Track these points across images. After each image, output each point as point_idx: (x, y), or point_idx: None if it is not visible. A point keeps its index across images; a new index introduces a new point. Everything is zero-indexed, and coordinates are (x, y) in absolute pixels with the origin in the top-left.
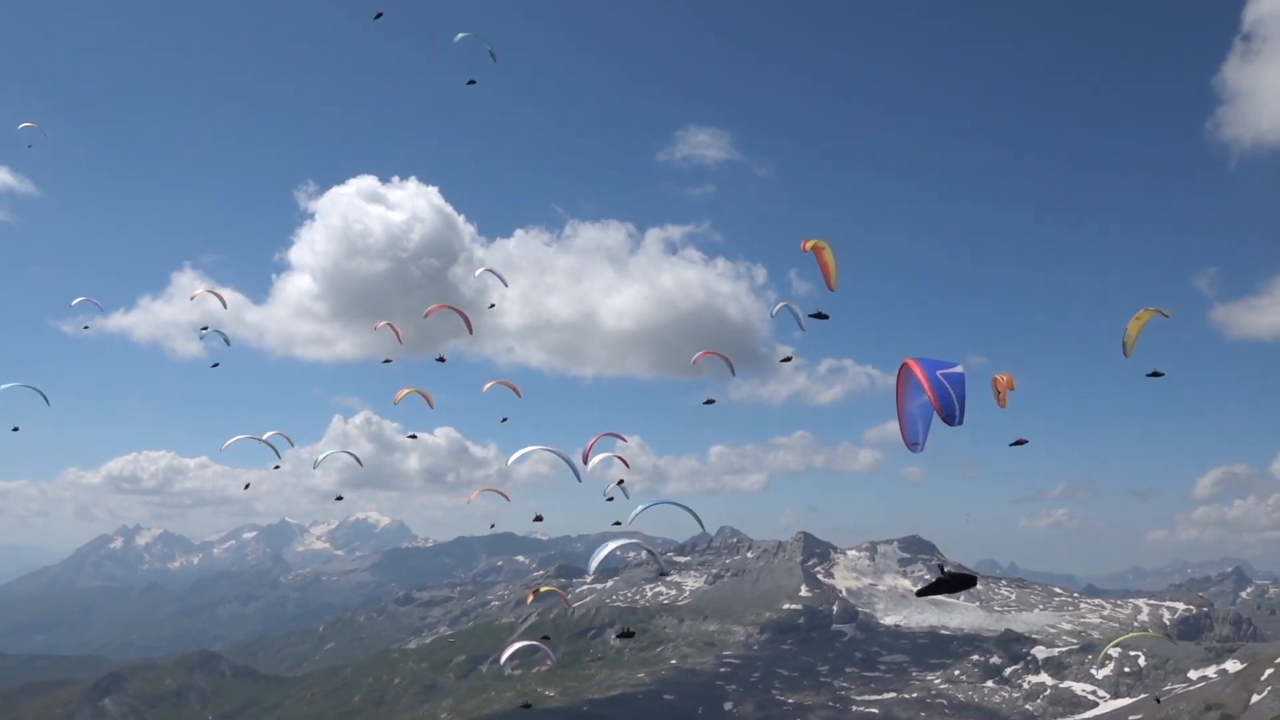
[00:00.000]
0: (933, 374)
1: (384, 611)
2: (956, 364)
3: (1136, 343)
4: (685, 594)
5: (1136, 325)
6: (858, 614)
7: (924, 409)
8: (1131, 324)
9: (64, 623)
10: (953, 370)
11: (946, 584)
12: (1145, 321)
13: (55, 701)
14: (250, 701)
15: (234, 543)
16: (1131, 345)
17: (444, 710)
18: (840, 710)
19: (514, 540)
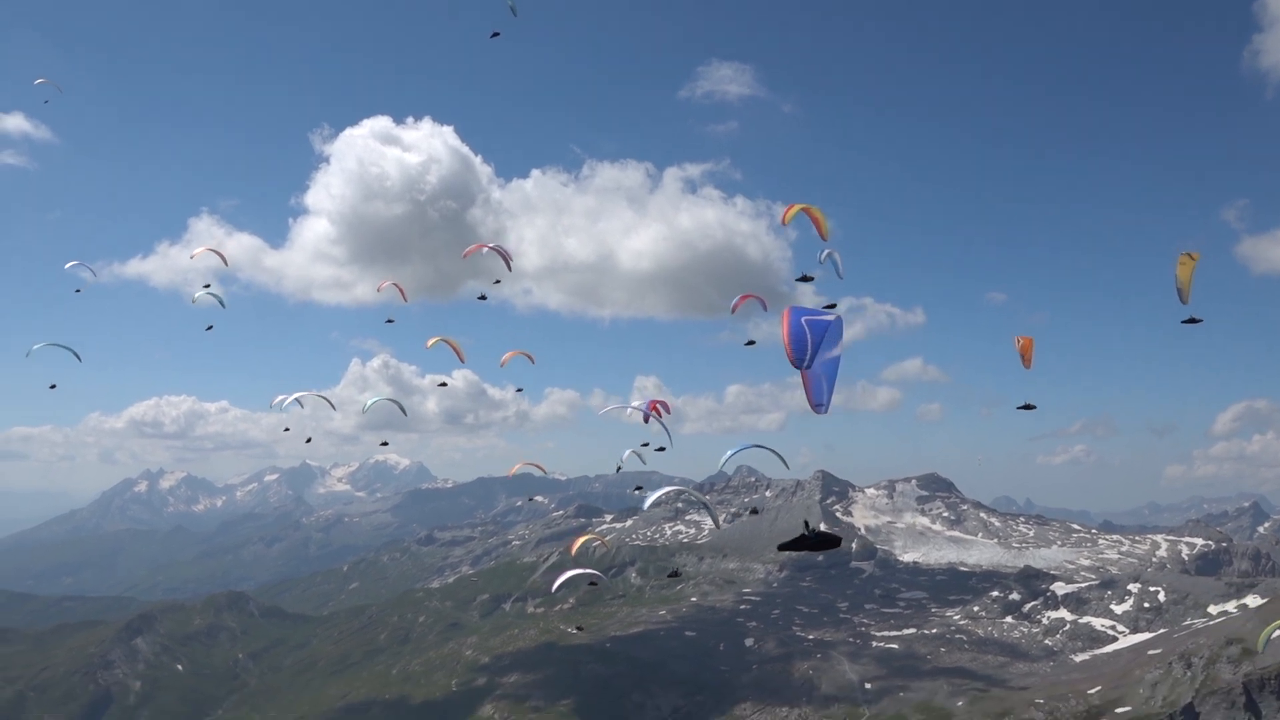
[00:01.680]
0: (796, 320)
1: (406, 552)
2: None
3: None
4: (704, 532)
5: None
6: (876, 551)
7: (827, 366)
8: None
9: (92, 565)
10: (820, 317)
11: (809, 542)
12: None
13: (89, 641)
14: (278, 640)
15: (256, 485)
16: (1188, 291)
17: (469, 648)
18: (860, 646)
19: (533, 480)
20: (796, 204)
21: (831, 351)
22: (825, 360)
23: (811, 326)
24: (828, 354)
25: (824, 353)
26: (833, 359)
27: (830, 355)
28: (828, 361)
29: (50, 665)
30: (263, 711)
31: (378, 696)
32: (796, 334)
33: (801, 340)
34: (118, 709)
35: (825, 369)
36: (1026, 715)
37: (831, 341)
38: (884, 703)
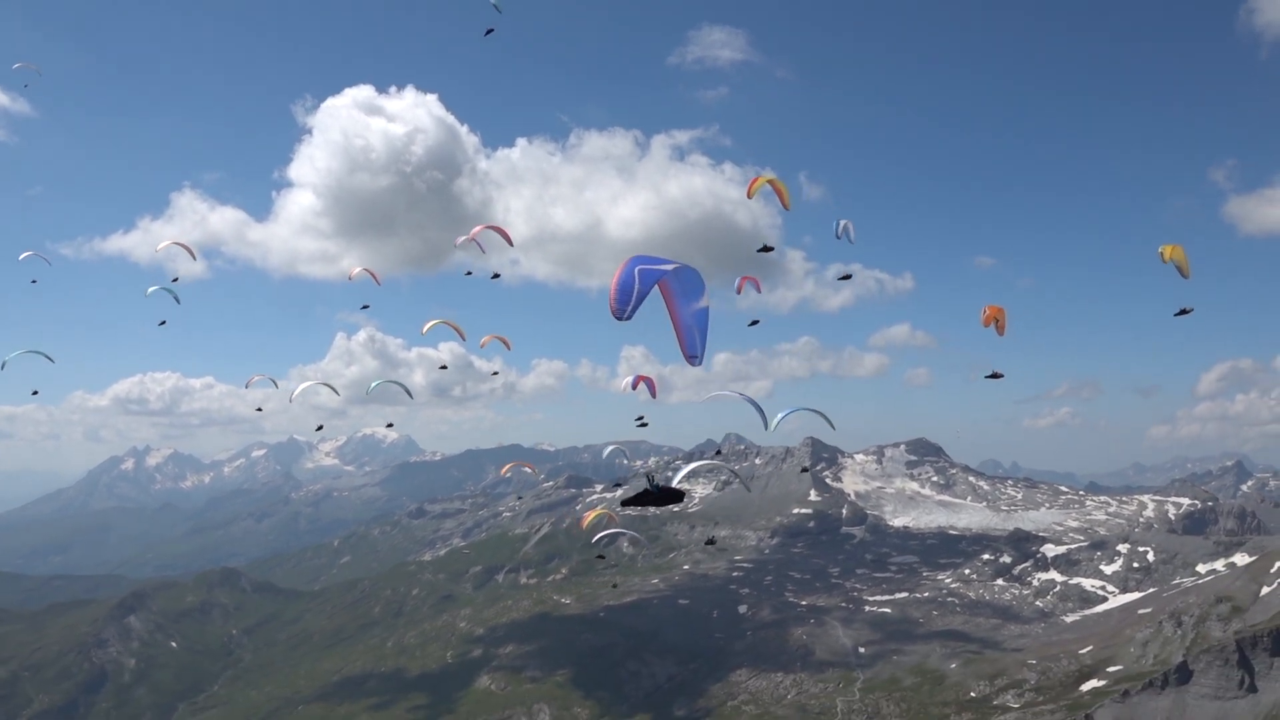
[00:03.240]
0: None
1: (397, 525)
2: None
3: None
4: (695, 501)
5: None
6: (867, 516)
7: (697, 316)
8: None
9: (80, 544)
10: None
11: (652, 497)
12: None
13: (81, 620)
14: (271, 616)
15: (244, 461)
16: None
17: (463, 619)
18: (854, 610)
19: (521, 451)
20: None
21: (697, 303)
22: (694, 312)
23: (644, 277)
24: (694, 305)
25: (689, 304)
26: (700, 310)
27: (697, 306)
28: (697, 313)
29: (44, 645)
30: (258, 687)
31: (374, 669)
32: (623, 284)
33: (627, 290)
34: (113, 687)
35: (695, 320)
36: (1019, 676)
37: (694, 292)
38: (878, 666)
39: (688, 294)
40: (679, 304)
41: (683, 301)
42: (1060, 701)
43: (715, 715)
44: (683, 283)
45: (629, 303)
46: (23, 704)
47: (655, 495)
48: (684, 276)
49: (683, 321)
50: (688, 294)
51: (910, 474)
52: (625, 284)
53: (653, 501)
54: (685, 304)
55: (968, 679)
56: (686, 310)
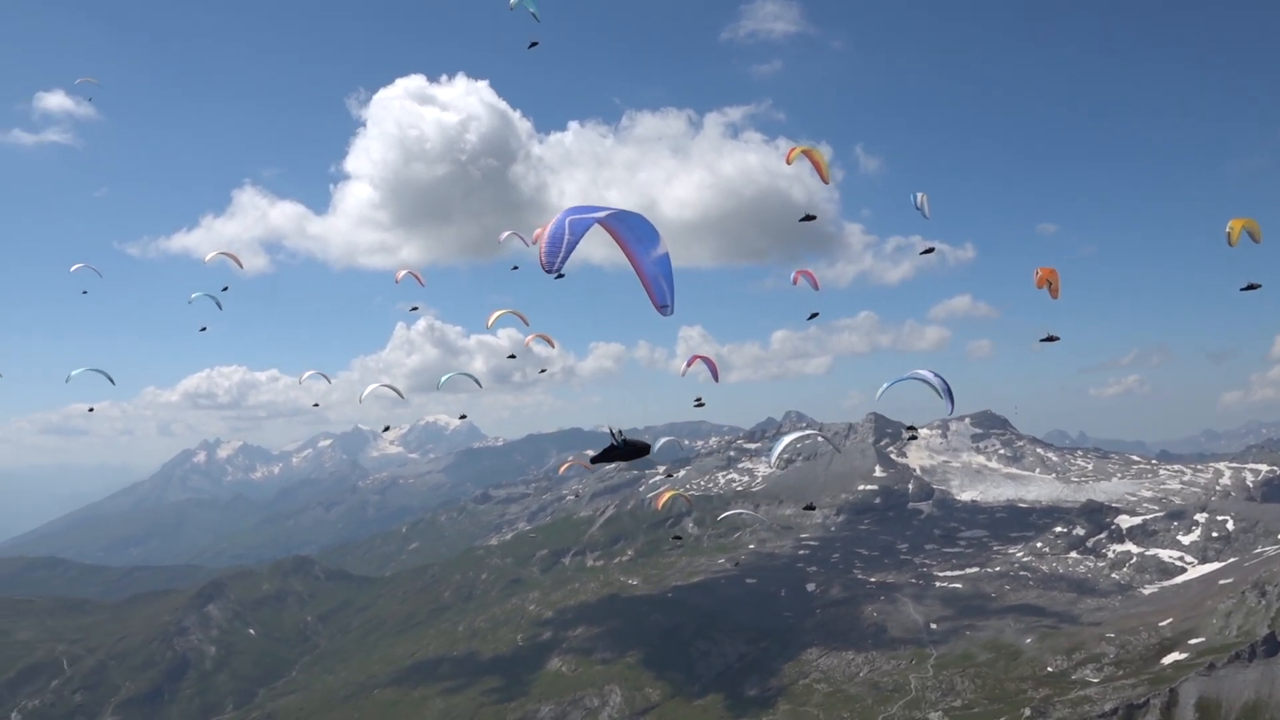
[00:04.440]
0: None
1: (463, 510)
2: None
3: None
4: (758, 480)
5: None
6: (934, 491)
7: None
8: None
9: (157, 535)
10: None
11: (619, 452)
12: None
13: (163, 609)
14: (344, 602)
15: (311, 451)
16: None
17: (531, 602)
18: (924, 586)
19: (582, 435)
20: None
21: (655, 249)
22: (655, 259)
23: (575, 227)
24: (654, 253)
25: (649, 252)
26: (661, 257)
27: (657, 253)
28: (659, 260)
29: (128, 634)
30: (334, 672)
31: (447, 653)
32: (553, 235)
33: (557, 241)
34: (195, 674)
35: (659, 268)
36: (1098, 650)
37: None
38: (951, 643)
39: (643, 241)
40: (638, 252)
41: (640, 250)
42: (1141, 675)
43: (787, 694)
44: (634, 229)
45: (558, 253)
46: (110, 691)
47: (621, 450)
48: (632, 222)
49: (647, 271)
50: (643, 241)
51: (976, 447)
52: (555, 235)
53: (620, 456)
54: (644, 252)
55: (1044, 654)
56: (648, 259)
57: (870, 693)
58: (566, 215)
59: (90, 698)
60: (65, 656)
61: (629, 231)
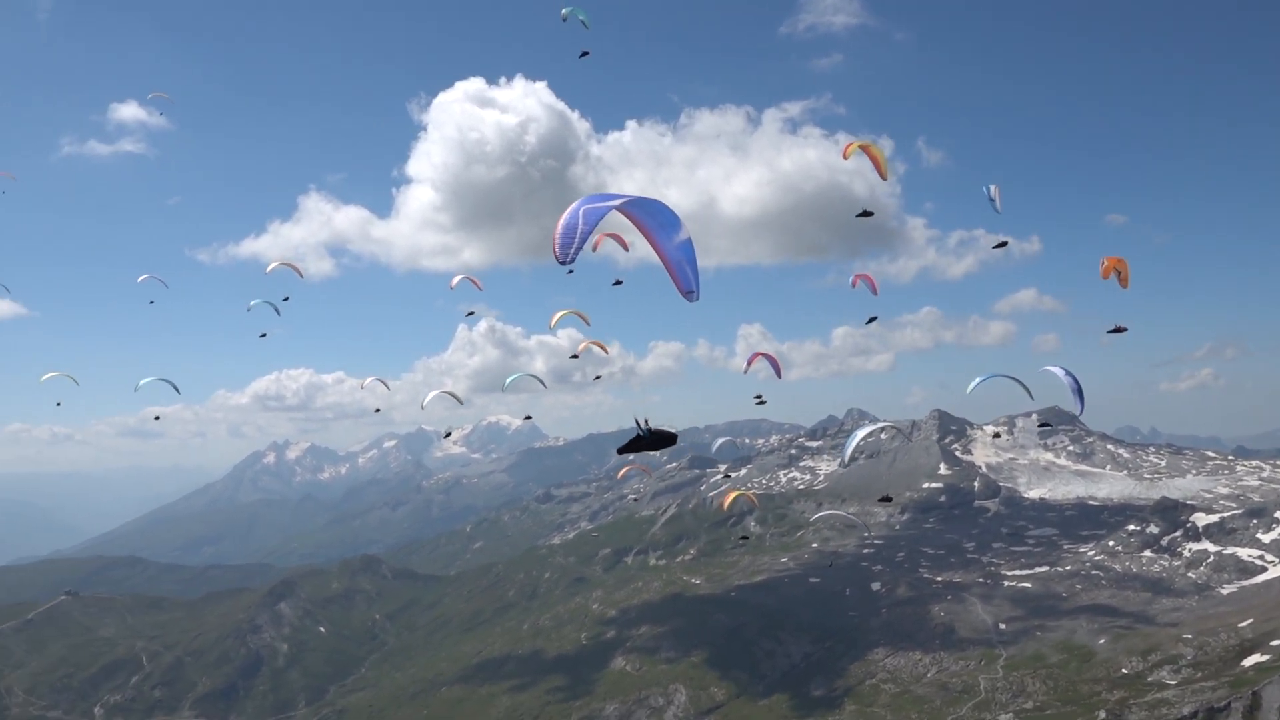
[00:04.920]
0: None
1: (526, 510)
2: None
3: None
4: (820, 478)
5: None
6: (1000, 489)
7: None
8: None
9: (230, 535)
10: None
11: (645, 442)
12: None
13: (237, 607)
14: (411, 601)
15: (376, 452)
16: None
17: (595, 601)
18: (992, 586)
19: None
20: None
21: (678, 235)
22: (678, 245)
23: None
24: (676, 238)
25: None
26: (684, 242)
27: (679, 239)
28: (681, 245)
29: (203, 631)
30: (403, 670)
31: (512, 651)
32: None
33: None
34: (268, 670)
35: (683, 253)
36: (1175, 651)
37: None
38: (1022, 643)
39: (665, 227)
40: (660, 238)
41: (662, 235)
42: (1221, 678)
43: (854, 695)
44: (654, 215)
45: (572, 243)
46: (187, 687)
47: (648, 440)
48: (651, 208)
49: (670, 257)
50: (665, 227)
51: (1044, 444)
52: (569, 225)
53: (647, 446)
54: (666, 238)
55: (1118, 655)
56: (670, 244)
57: (938, 694)
58: (581, 205)
59: (169, 693)
60: (144, 653)
61: (649, 218)
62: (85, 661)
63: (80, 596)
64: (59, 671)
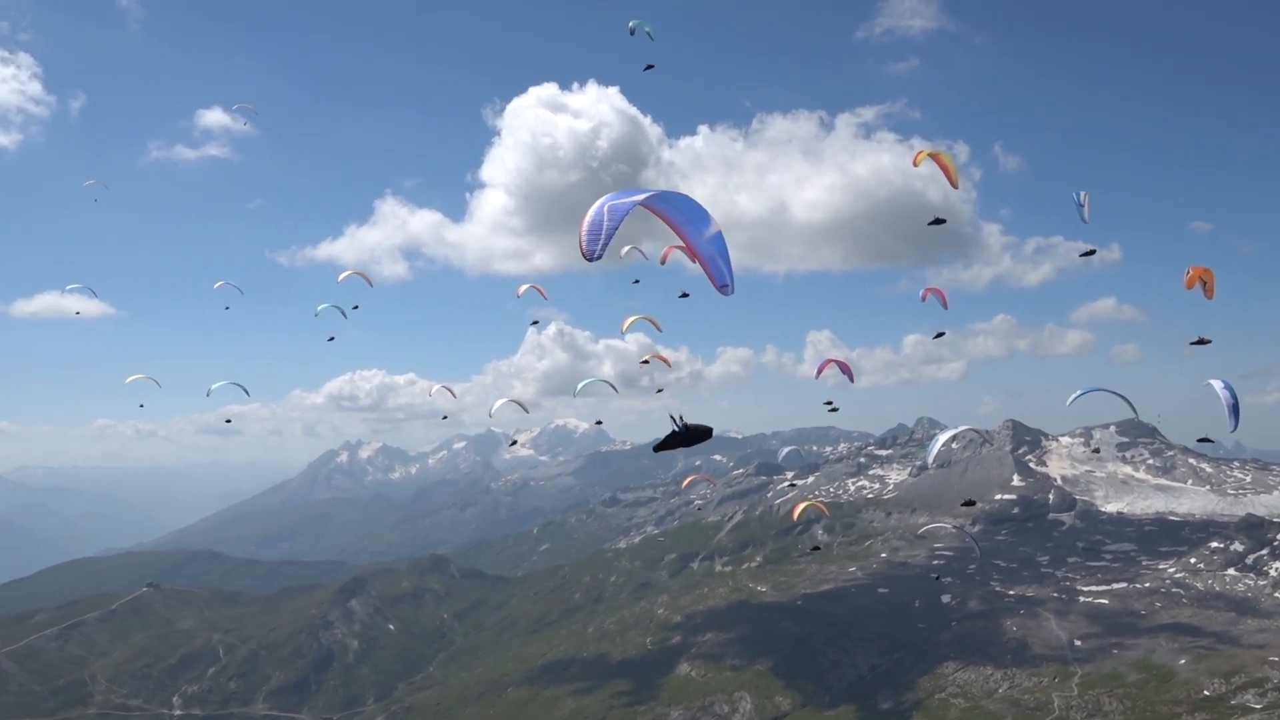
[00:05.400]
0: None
1: (592, 513)
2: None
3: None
4: (889, 487)
5: None
6: (1076, 502)
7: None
8: None
9: (304, 532)
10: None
11: (681, 438)
12: None
13: (310, 603)
14: (479, 601)
15: (446, 453)
16: None
17: (660, 606)
18: (1067, 601)
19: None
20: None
21: (708, 229)
22: (709, 239)
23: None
24: (707, 232)
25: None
26: (715, 235)
27: (710, 233)
28: (713, 239)
29: (278, 626)
30: (470, 669)
31: (577, 654)
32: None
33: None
34: (339, 666)
35: (714, 247)
36: (1261, 674)
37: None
38: (1097, 661)
39: (694, 222)
40: (690, 233)
41: (692, 230)
42: None
43: (923, 708)
44: (681, 210)
45: (599, 240)
46: (261, 680)
47: (684, 436)
48: (678, 203)
49: (702, 251)
50: (694, 222)
51: (1122, 456)
52: (595, 222)
53: (683, 442)
54: (696, 232)
55: (1200, 676)
56: (701, 239)
57: (1010, 710)
58: (606, 201)
59: (243, 685)
60: (221, 645)
61: (677, 213)
62: (165, 652)
63: (161, 589)
64: (140, 661)
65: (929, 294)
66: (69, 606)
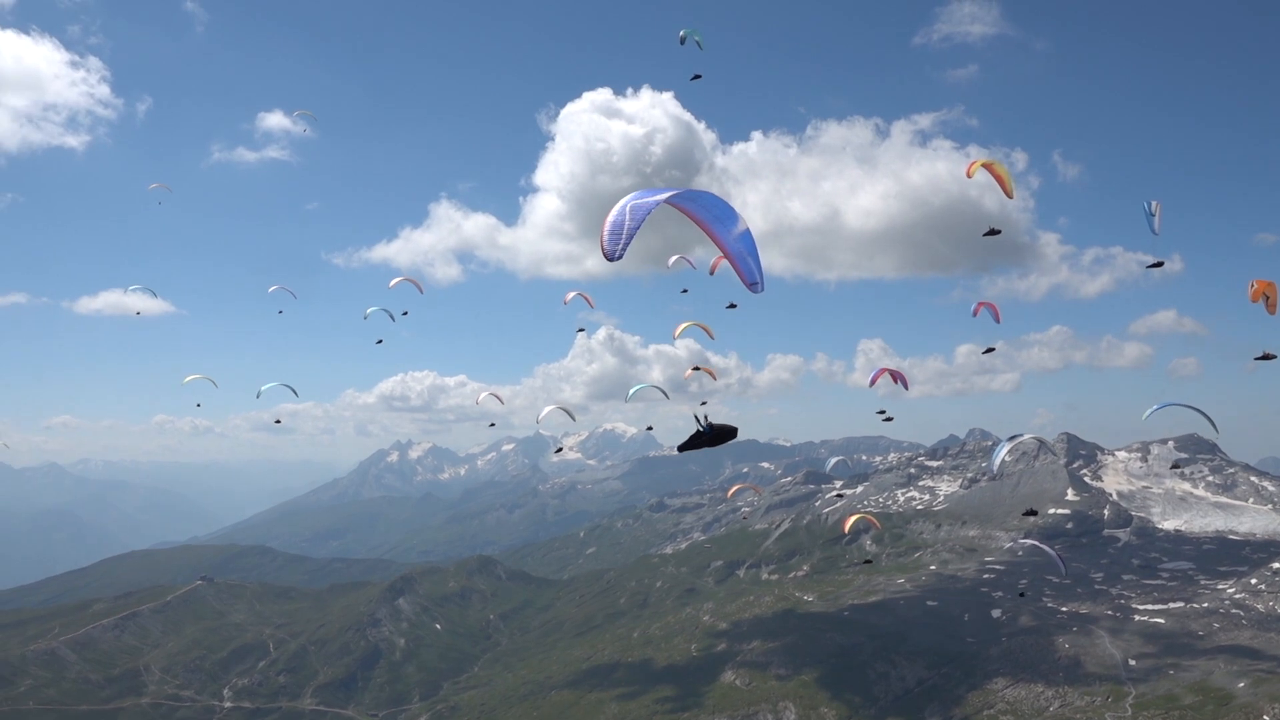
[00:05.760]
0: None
1: (639, 518)
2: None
3: None
4: (940, 499)
5: None
6: (1132, 518)
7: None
8: None
9: (354, 530)
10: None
11: (706, 438)
12: None
13: (359, 600)
14: (525, 602)
15: (494, 454)
16: None
17: (705, 613)
18: (1122, 620)
19: (757, 447)
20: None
21: (736, 227)
22: (738, 237)
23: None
24: (735, 230)
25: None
26: (743, 233)
27: (738, 231)
28: (742, 237)
29: (326, 622)
30: (515, 670)
31: (621, 659)
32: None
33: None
34: (386, 663)
35: (744, 245)
36: None
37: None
38: (1153, 682)
39: (722, 220)
40: (718, 231)
41: (720, 229)
42: None
43: None
44: (709, 209)
45: (619, 240)
46: (310, 675)
47: (709, 436)
48: (705, 201)
49: (732, 249)
50: (722, 220)
51: (1181, 473)
52: (616, 222)
53: (708, 442)
54: (725, 230)
55: (1260, 700)
56: (730, 237)
57: None
58: (629, 200)
59: (292, 680)
60: (271, 640)
61: (704, 211)
62: (217, 645)
63: (214, 583)
64: (193, 653)
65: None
66: (126, 597)
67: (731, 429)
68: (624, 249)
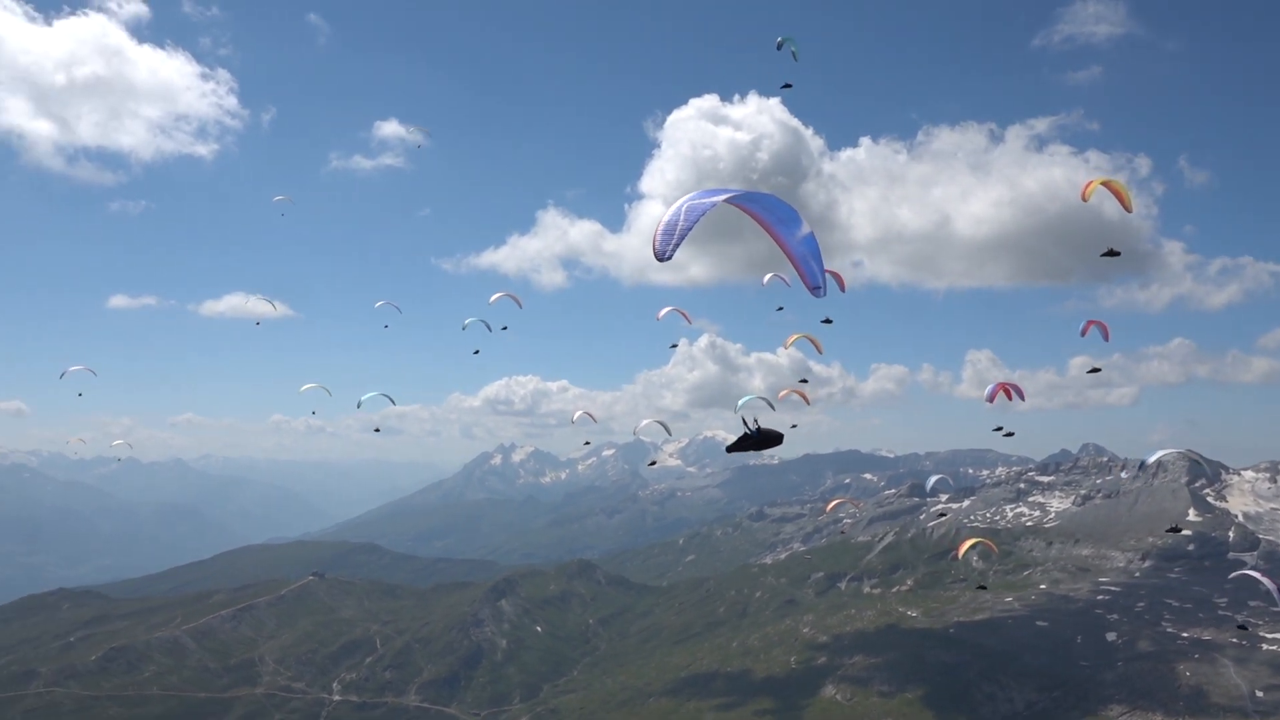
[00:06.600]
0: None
1: (738, 527)
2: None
3: None
4: (1050, 515)
5: None
6: (1260, 542)
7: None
8: None
9: (458, 530)
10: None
11: (753, 441)
12: None
13: (462, 600)
14: (624, 608)
15: (595, 460)
16: None
17: (805, 625)
18: (1248, 648)
19: (860, 457)
20: (1094, 181)
21: (799, 230)
22: (801, 239)
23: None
24: (798, 233)
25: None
26: (807, 236)
27: (802, 233)
28: (805, 239)
29: (431, 620)
30: (613, 676)
31: (720, 669)
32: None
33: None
34: (488, 663)
35: (807, 248)
36: None
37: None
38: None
39: (785, 222)
40: (782, 233)
41: (784, 230)
42: None
43: None
44: (772, 210)
45: (671, 240)
46: (414, 672)
47: (756, 439)
48: (768, 203)
49: (795, 251)
50: (785, 222)
51: None
52: (670, 222)
53: (754, 445)
54: (789, 232)
55: None
56: (793, 239)
57: None
58: (686, 201)
59: (398, 676)
60: (378, 636)
61: (768, 213)
62: (327, 639)
63: (325, 578)
64: (304, 646)
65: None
66: (243, 590)
67: (778, 434)
68: (674, 249)
